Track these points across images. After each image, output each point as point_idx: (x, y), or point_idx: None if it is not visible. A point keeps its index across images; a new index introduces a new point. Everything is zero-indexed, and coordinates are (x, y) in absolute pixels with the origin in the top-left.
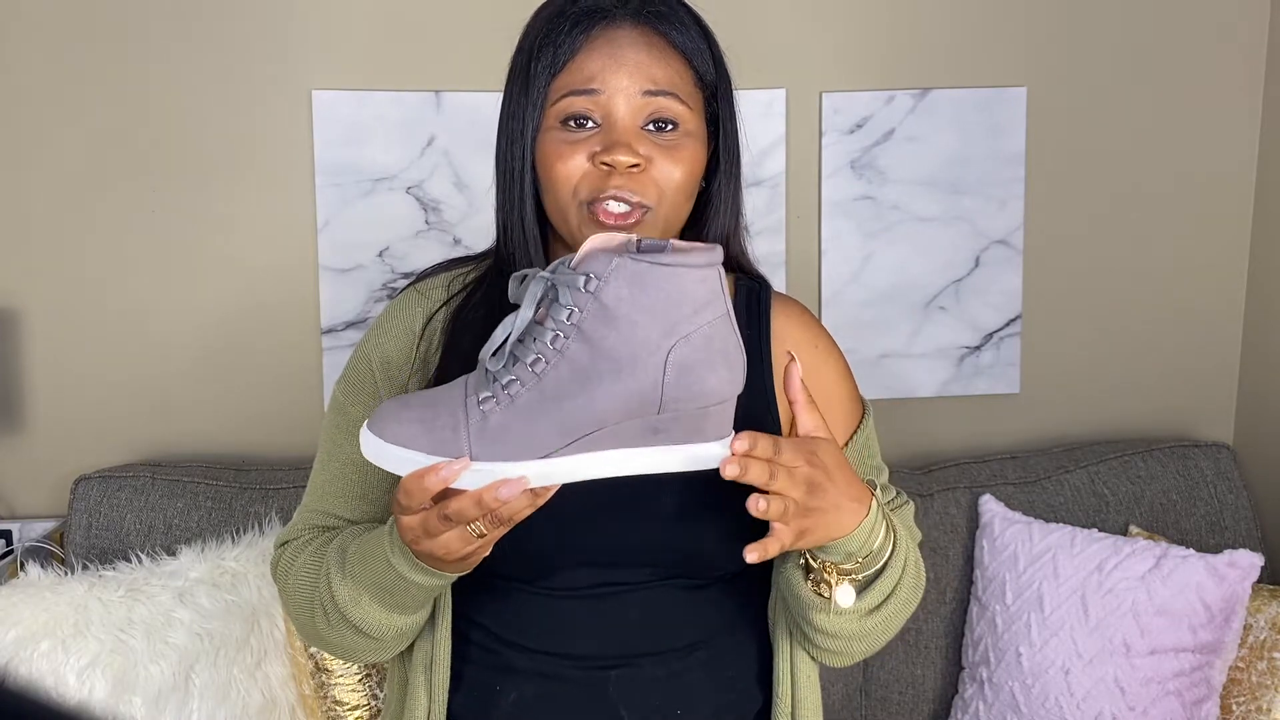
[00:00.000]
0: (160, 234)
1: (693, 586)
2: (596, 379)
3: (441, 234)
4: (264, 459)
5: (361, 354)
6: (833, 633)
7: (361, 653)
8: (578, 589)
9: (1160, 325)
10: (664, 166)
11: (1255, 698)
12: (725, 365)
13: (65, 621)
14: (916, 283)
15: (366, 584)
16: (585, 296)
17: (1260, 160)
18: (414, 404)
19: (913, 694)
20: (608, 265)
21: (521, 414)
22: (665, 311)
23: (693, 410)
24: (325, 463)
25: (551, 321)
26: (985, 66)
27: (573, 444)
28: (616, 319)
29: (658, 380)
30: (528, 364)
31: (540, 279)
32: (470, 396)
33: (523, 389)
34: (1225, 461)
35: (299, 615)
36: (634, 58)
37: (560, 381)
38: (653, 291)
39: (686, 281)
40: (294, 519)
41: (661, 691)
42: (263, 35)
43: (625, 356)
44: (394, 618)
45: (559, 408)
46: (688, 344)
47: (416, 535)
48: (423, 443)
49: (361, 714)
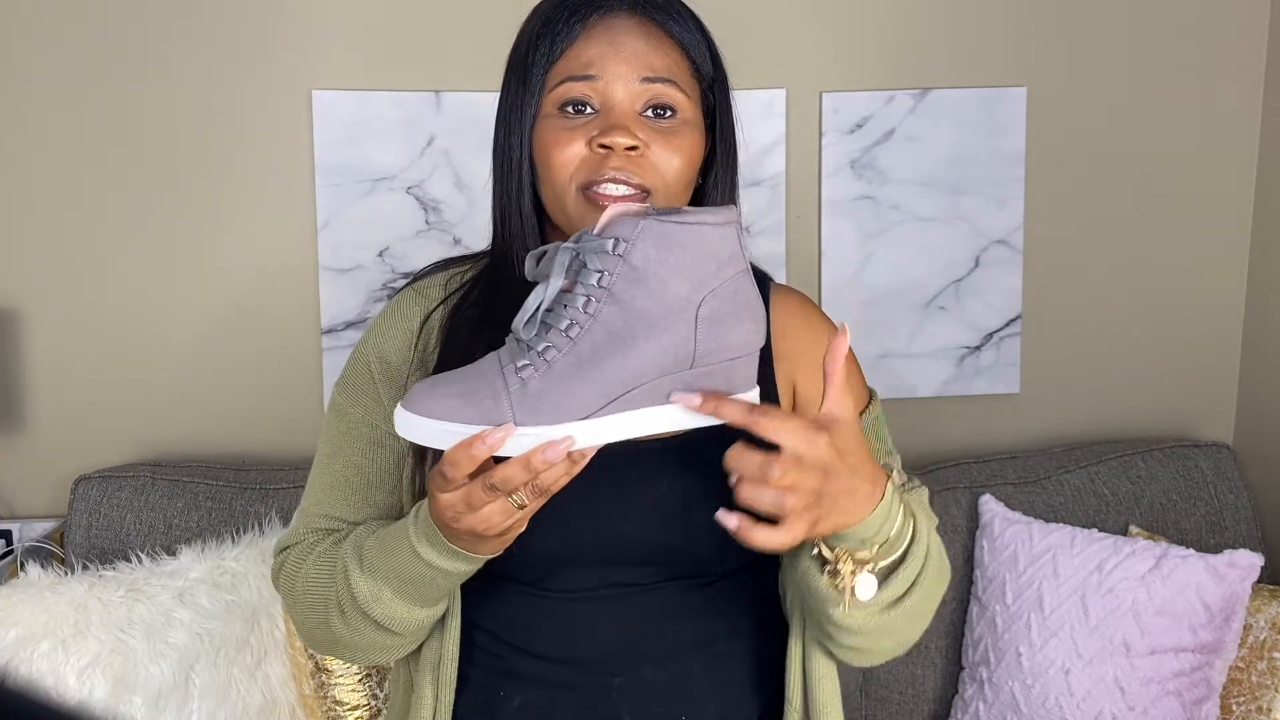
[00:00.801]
0: (160, 234)
1: (695, 587)
2: (630, 338)
3: (441, 234)
4: (264, 459)
5: (360, 355)
6: (854, 629)
7: (377, 651)
8: (580, 590)
9: (1160, 325)
10: (662, 152)
11: (1255, 698)
12: (751, 318)
13: (65, 621)
14: (916, 283)
15: (389, 577)
16: (614, 259)
17: (1260, 160)
18: (447, 380)
19: (913, 694)
20: (634, 228)
21: (559, 378)
22: (692, 268)
23: (723, 363)
24: (325, 465)
25: (581, 287)
26: (985, 66)
27: (611, 403)
28: (646, 278)
29: (690, 335)
30: (561, 329)
31: (565, 249)
32: (507, 366)
33: (559, 354)
34: (1225, 461)
35: (310, 618)
36: (632, 45)
37: (595, 344)
38: (679, 250)
39: (710, 238)
40: (294, 524)
41: (665, 697)
42: (263, 35)
43: (657, 314)
44: (415, 610)
45: (596, 369)
46: (715, 298)
47: (458, 511)
48: (464, 414)
49: (361, 714)
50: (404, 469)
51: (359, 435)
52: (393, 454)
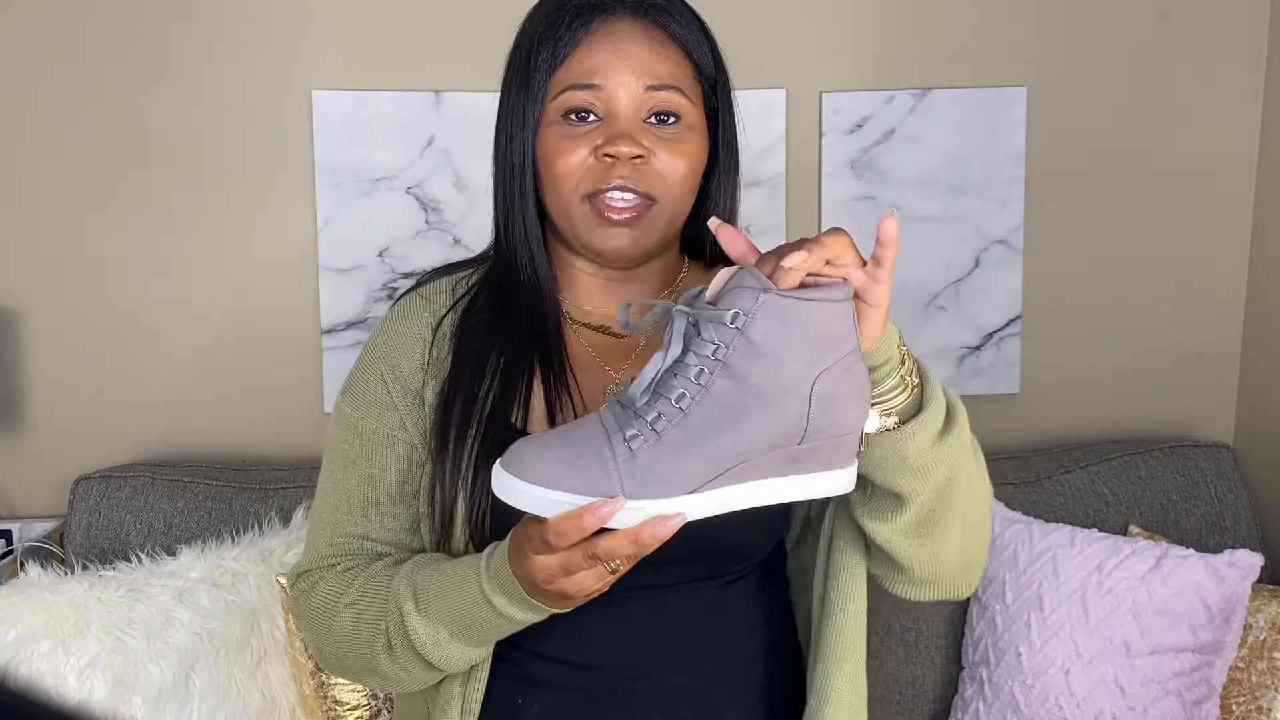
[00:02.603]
0: (160, 234)
1: (715, 587)
2: (744, 413)
3: (441, 234)
4: (264, 459)
5: (368, 364)
6: (907, 465)
7: (415, 685)
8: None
9: (1160, 325)
10: (667, 159)
11: (1255, 698)
12: (861, 397)
13: (65, 621)
14: (916, 283)
15: (447, 621)
16: (731, 332)
17: (1260, 160)
18: (554, 443)
19: (913, 694)
20: (754, 301)
21: (670, 450)
22: (809, 345)
23: (830, 440)
24: (339, 480)
25: (694, 356)
26: (985, 66)
27: (719, 477)
28: (763, 354)
29: (803, 413)
30: (672, 400)
31: (680, 313)
32: (615, 434)
33: (669, 424)
34: (1225, 461)
35: (348, 652)
36: (635, 52)
37: (707, 417)
38: (798, 328)
39: (827, 316)
40: (313, 547)
41: (688, 700)
42: (263, 35)
43: (772, 390)
44: (471, 651)
45: (707, 443)
46: (829, 376)
47: (553, 574)
48: (572, 482)
49: (361, 714)
50: (421, 478)
51: (373, 447)
52: (410, 464)
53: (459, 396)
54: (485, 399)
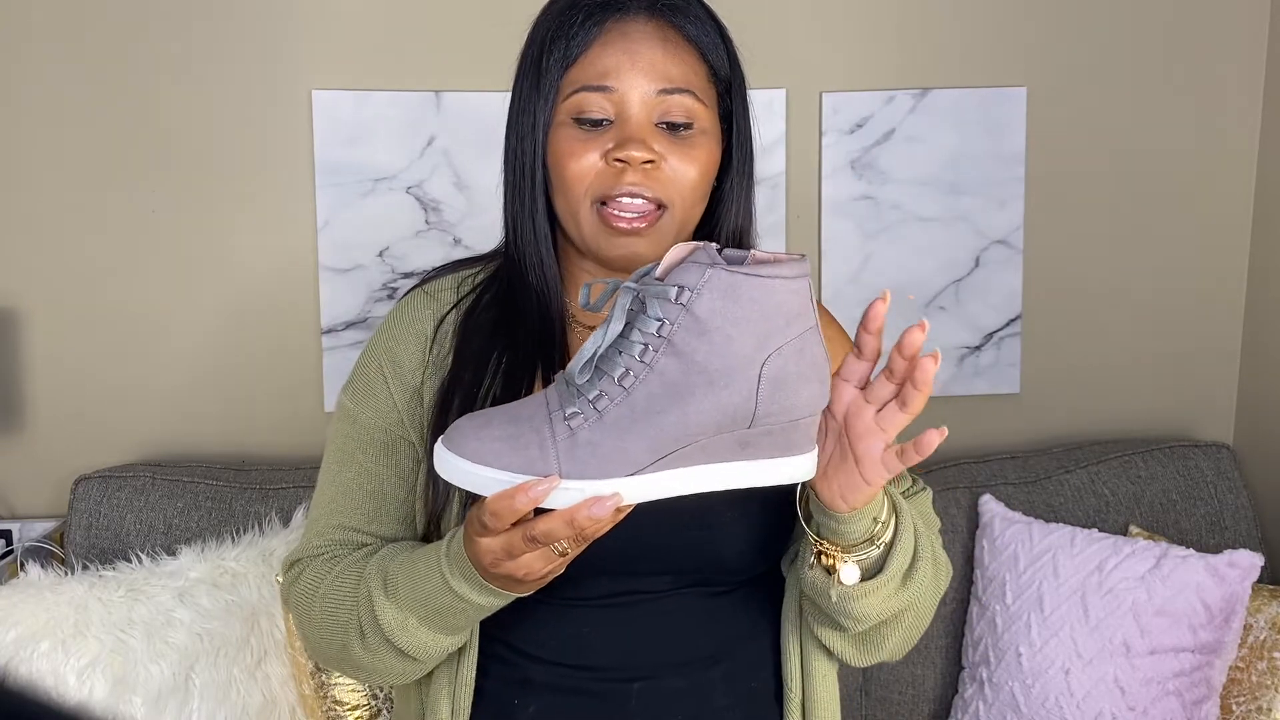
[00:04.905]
0: (160, 234)
1: (711, 594)
2: (688, 393)
3: (441, 234)
4: (264, 459)
5: (370, 358)
6: (857, 615)
7: (393, 676)
8: (595, 598)
9: (1160, 325)
10: (678, 164)
11: (1255, 698)
12: (816, 378)
13: (65, 621)
14: (916, 283)
15: (415, 607)
16: (676, 308)
17: (1260, 160)
18: (494, 420)
19: (913, 694)
20: (700, 276)
21: (611, 430)
22: (758, 323)
23: (784, 424)
24: (336, 473)
25: (639, 334)
26: (985, 66)
27: (662, 459)
28: (709, 331)
29: (751, 394)
30: (615, 378)
31: (627, 289)
32: (555, 412)
33: (611, 404)
34: (1225, 461)
35: (326, 639)
36: (649, 54)
37: (650, 396)
38: (746, 303)
39: (779, 293)
40: (305, 537)
41: (685, 704)
42: (263, 35)
43: (718, 369)
44: (440, 638)
45: (650, 423)
46: (780, 356)
47: (497, 558)
48: (508, 460)
49: (361, 714)
50: (418, 474)
51: (371, 441)
52: (406, 459)
53: (457, 394)
54: (485, 398)
